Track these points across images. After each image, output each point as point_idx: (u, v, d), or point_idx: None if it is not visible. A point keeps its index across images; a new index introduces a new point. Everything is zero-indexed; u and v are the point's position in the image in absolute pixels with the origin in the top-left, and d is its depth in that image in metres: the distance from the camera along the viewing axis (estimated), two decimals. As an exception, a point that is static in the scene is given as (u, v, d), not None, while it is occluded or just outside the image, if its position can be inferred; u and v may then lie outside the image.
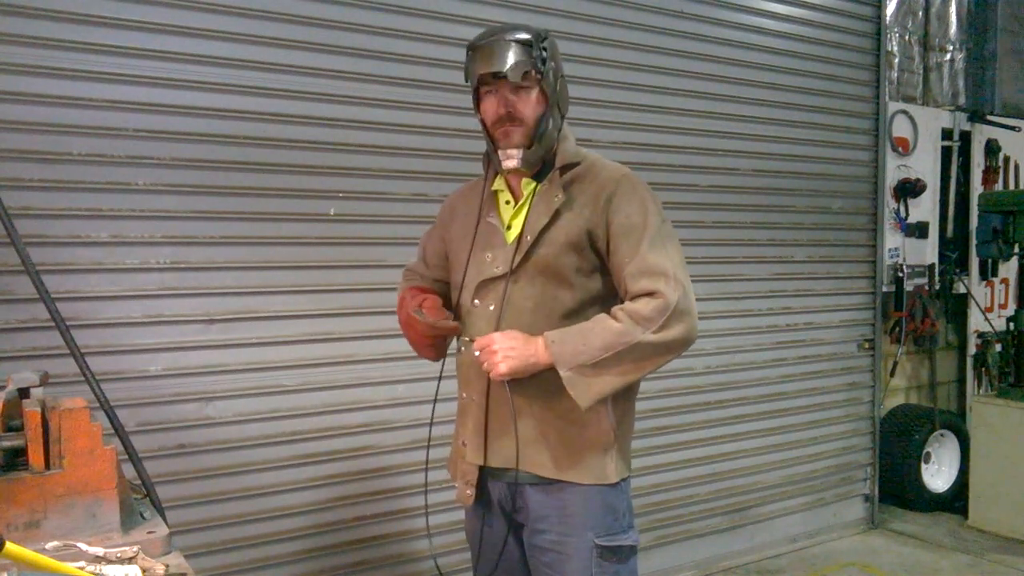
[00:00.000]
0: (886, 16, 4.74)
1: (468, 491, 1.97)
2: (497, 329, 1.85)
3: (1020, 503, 4.44)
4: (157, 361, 2.74)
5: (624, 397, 1.92)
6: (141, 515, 1.68)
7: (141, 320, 2.71)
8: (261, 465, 2.92)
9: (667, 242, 1.82)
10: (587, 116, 3.57)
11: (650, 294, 1.74)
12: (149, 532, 1.60)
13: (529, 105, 1.83)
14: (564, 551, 1.88)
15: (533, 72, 1.81)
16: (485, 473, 1.97)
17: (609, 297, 1.89)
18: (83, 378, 1.96)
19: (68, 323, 2.04)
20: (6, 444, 1.52)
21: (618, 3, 3.67)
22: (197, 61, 2.76)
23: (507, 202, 1.95)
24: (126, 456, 1.96)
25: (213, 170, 2.81)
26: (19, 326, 2.53)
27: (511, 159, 1.83)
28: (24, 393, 1.59)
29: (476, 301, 1.92)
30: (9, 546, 1.08)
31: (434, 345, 2.02)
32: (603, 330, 1.74)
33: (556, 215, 1.84)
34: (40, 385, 1.62)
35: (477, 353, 1.82)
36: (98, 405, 1.94)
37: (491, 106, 1.85)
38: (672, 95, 3.86)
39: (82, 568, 1.24)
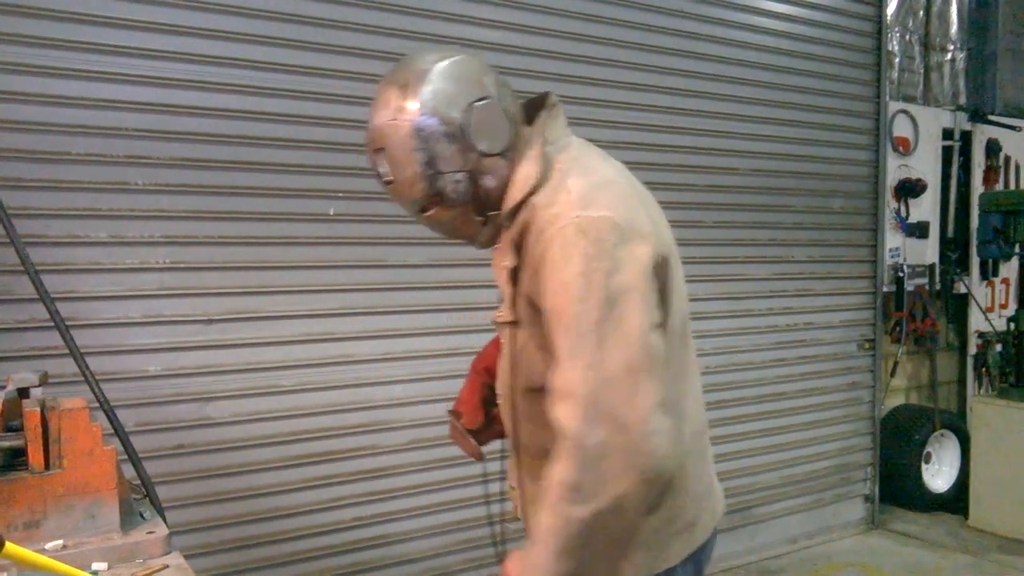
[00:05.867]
0: (887, 16, 4.73)
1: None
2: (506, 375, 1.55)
3: (1021, 503, 4.43)
4: (156, 361, 2.74)
5: None
6: (141, 515, 1.68)
7: (140, 320, 2.71)
8: (261, 465, 2.92)
9: (600, 334, 1.25)
10: (587, 116, 3.56)
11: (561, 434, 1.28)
12: (149, 532, 1.60)
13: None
14: None
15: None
16: None
17: None
18: (83, 378, 1.96)
19: (67, 323, 2.04)
20: (6, 444, 1.52)
21: (618, 3, 3.67)
22: (197, 61, 2.76)
23: None
24: (126, 456, 1.96)
25: (212, 170, 2.80)
26: (19, 326, 2.53)
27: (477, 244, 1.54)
28: (24, 393, 1.59)
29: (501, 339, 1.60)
30: (9, 546, 1.08)
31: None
32: (544, 531, 1.31)
33: (515, 279, 1.43)
34: (40, 385, 1.61)
35: None
36: (98, 405, 1.94)
37: None
38: (672, 95, 3.86)
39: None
